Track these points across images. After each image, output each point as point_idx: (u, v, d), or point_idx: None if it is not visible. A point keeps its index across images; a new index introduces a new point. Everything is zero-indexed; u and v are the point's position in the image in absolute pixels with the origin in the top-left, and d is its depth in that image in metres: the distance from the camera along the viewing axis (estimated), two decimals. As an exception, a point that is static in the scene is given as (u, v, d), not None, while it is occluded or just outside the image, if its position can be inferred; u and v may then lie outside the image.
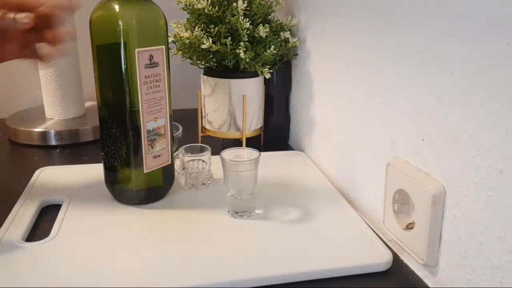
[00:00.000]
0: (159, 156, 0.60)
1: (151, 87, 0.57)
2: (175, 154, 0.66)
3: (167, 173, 0.63)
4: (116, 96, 0.57)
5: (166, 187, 0.65)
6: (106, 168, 0.61)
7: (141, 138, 0.58)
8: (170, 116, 0.61)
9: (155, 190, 0.63)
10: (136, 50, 0.55)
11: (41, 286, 0.45)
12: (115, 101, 0.57)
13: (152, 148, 0.59)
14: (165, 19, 0.59)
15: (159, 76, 0.58)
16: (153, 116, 0.58)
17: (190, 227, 0.56)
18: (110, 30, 0.55)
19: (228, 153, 0.59)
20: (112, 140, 0.59)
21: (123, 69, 0.55)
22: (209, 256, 0.50)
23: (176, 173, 0.66)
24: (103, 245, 0.52)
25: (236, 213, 0.59)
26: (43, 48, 0.54)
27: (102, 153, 0.61)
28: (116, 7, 0.54)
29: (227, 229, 0.56)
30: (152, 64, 0.56)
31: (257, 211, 0.60)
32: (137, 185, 0.60)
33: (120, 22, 0.54)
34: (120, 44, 0.54)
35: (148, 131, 0.58)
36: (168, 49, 0.59)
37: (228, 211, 0.60)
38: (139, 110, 0.57)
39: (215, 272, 0.48)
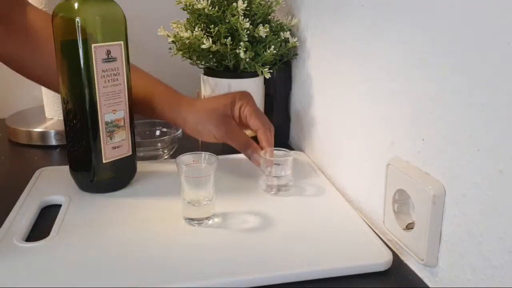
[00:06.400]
0: (118, 147, 0.63)
1: (108, 81, 0.60)
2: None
3: (128, 163, 0.66)
4: (76, 90, 0.60)
5: (128, 177, 0.67)
6: (70, 158, 0.64)
7: (100, 129, 0.61)
8: (131, 109, 0.64)
9: (116, 179, 0.66)
10: (93, 45, 0.58)
11: (41, 286, 0.45)
12: (76, 94, 0.60)
13: (111, 139, 0.62)
14: (124, 16, 0.62)
15: (117, 70, 0.61)
16: (112, 109, 0.61)
17: (193, 228, 0.56)
18: (70, 26, 0.57)
19: (186, 158, 0.57)
20: (74, 132, 0.61)
21: (82, 64, 0.58)
22: (210, 256, 0.51)
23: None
24: (103, 245, 0.52)
25: (192, 220, 0.57)
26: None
27: (68, 145, 0.64)
28: (76, 4, 0.57)
29: (228, 229, 0.56)
30: (109, 59, 0.59)
31: (257, 211, 0.60)
32: (97, 174, 0.63)
33: (78, 19, 0.57)
34: (79, 39, 0.57)
35: (107, 123, 0.61)
36: (127, 45, 0.62)
37: (185, 219, 0.57)
38: (97, 102, 0.60)
39: (216, 272, 0.48)
